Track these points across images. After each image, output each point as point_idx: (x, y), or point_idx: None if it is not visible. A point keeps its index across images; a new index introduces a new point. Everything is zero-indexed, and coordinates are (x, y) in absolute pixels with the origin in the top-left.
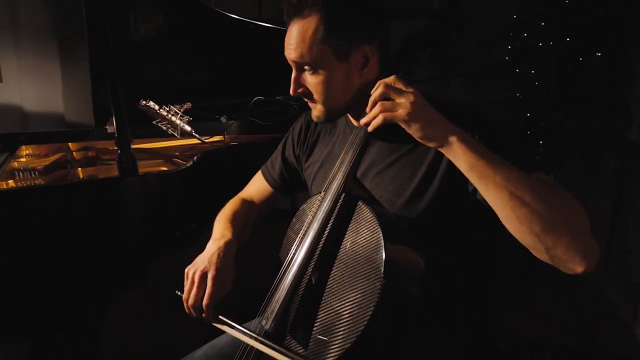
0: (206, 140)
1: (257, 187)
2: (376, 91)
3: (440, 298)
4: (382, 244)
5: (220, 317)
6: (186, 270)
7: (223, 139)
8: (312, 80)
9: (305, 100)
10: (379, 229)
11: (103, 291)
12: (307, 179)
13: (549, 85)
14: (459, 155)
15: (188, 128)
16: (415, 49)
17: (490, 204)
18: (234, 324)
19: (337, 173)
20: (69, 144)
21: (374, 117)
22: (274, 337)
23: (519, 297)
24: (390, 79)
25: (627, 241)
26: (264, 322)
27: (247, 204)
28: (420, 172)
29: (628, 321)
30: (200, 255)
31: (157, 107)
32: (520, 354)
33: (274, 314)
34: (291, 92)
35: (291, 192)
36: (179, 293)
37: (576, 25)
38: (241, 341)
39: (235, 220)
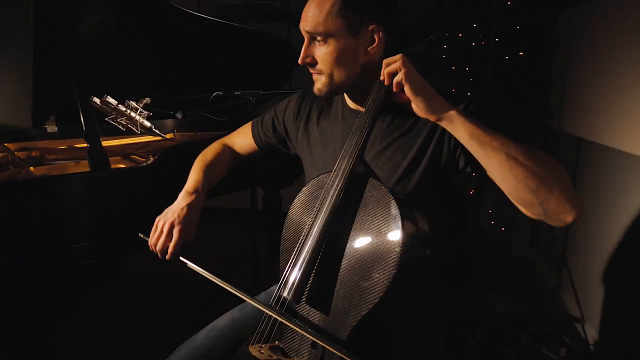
0: (166, 137)
1: (242, 138)
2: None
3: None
4: (399, 214)
5: (180, 258)
6: (156, 219)
7: (173, 136)
8: (321, 51)
9: (311, 71)
10: (394, 201)
11: (79, 287)
12: (299, 152)
13: (483, 81)
14: (458, 126)
15: (148, 124)
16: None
17: (489, 169)
18: (191, 263)
19: (346, 153)
20: (6, 144)
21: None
22: (293, 306)
23: (464, 272)
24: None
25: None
26: (285, 292)
27: (228, 150)
28: (411, 153)
29: (553, 288)
30: (170, 207)
31: (115, 103)
32: (470, 323)
33: (294, 283)
34: (300, 60)
35: (269, 151)
36: (142, 236)
37: (505, 27)
38: (241, 321)
39: (213, 168)
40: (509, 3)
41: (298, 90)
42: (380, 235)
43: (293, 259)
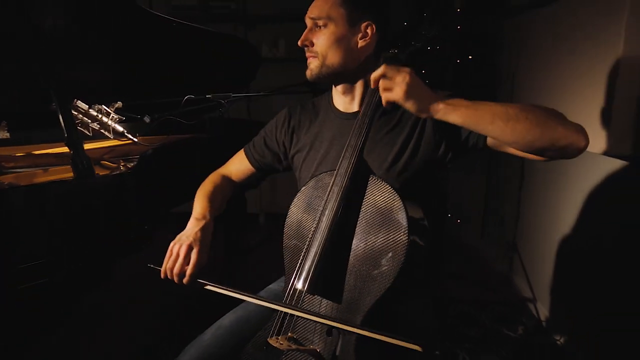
0: (138, 141)
1: (238, 165)
2: (377, 70)
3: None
4: (403, 205)
5: (198, 280)
6: (171, 245)
7: (136, 140)
8: (321, 35)
9: (307, 54)
10: (396, 195)
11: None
12: (295, 162)
13: (438, 82)
14: (449, 113)
15: (120, 128)
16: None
17: (496, 138)
18: (211, 284)
19: (347, 153)
20: None
21: (381, 89)
22: (307, 297)
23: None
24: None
25: (499, 209)
26: (299, 285)
27: (226, 180)
28: (395, 148)
29: (506, 273)
30: (182, 233)
31: (86, 107)
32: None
33: (308, 275)
34: (300, 42)
35: (270, 173)
36: (152, 266)
37: (456, 34)
38: (246, 319)
39: (215, 197)
40: (457, 10)
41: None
42: (388, 227)
43: (304, 253)
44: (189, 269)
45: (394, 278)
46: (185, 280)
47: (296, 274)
